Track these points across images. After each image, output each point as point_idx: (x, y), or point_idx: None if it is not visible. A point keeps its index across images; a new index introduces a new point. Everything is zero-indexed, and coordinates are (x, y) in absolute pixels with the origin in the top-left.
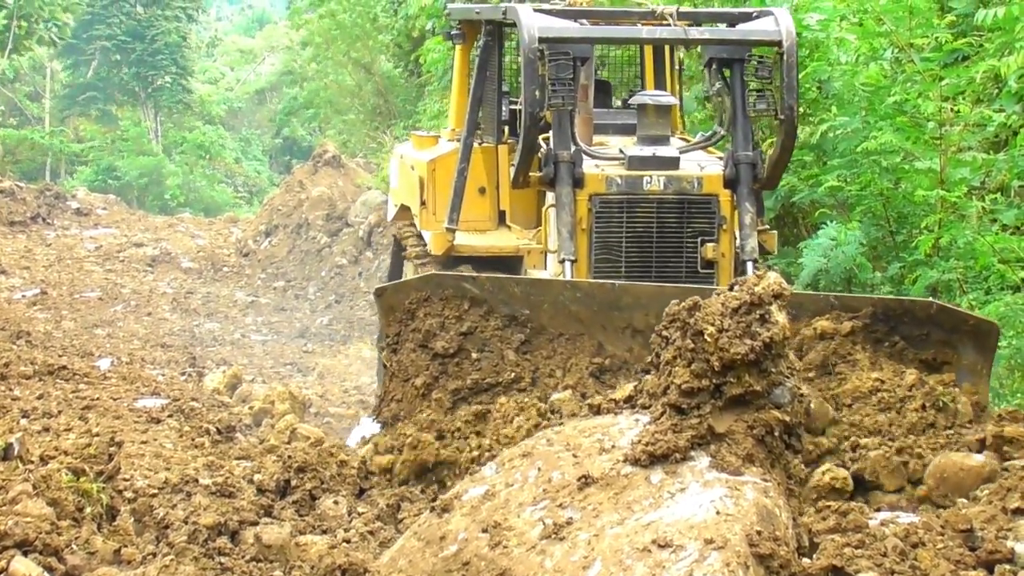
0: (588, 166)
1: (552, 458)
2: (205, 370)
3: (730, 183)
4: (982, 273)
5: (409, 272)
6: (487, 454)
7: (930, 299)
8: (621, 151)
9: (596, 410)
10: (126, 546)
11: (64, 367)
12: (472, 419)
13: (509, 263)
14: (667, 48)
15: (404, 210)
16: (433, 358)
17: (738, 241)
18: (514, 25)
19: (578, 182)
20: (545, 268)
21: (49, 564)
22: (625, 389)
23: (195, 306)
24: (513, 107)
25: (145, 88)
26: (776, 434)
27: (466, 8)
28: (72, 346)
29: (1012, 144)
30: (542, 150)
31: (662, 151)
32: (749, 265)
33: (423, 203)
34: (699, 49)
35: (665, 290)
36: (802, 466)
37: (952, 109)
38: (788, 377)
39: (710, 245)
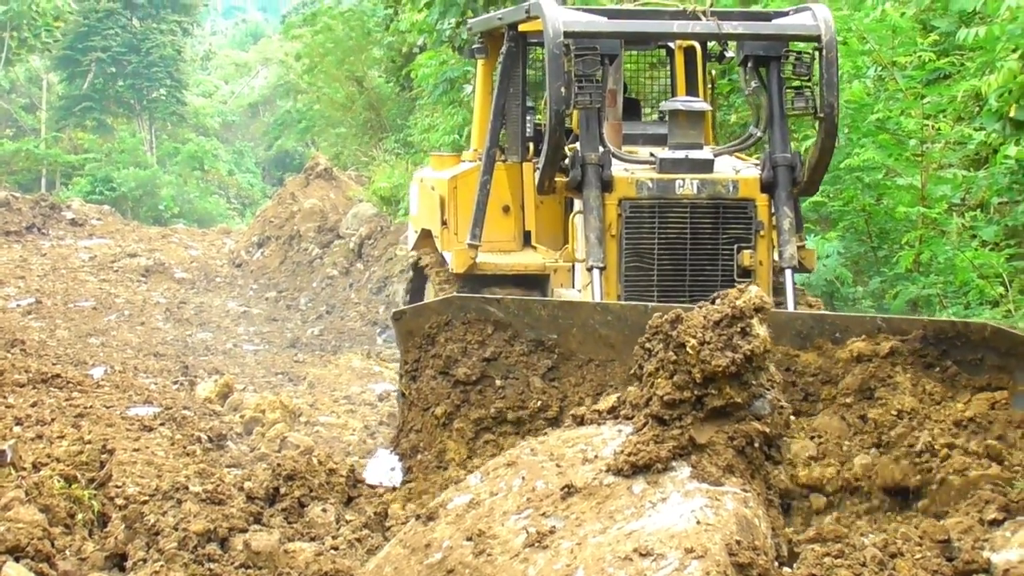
0: (617, 169)
1: (536, 467)
2: (197, 379)
3: (767, 187)
4: (962, 288)
5: (431, 297)
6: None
7: (984, 321)
8: (652, 154)
9: (580, 420)
10: (117, 552)
11: (58, 375)
12: None
13: (535, 282)
14: (699, 58)
15: (425, 237)
16: (454, 386)
17: (776, 248)
18: (539, 44)
19: (607, 186)
20: (573, 285)
21: (41, 570)
22: (608, 400)
23: (188, 316)
24: (539, 126)
25: (140, 100)
26: (756, 445)
27: (487, 18)
28: (66, 355)
29: (992, 162)
30: (567, 159)
31: (695, 153)
32: (788, 273)
33: (444, 223)
34: (735, 56)
35: None
36: (782, 476)
37: (933, 127)
38: (769, 389)
39: (747, 252)
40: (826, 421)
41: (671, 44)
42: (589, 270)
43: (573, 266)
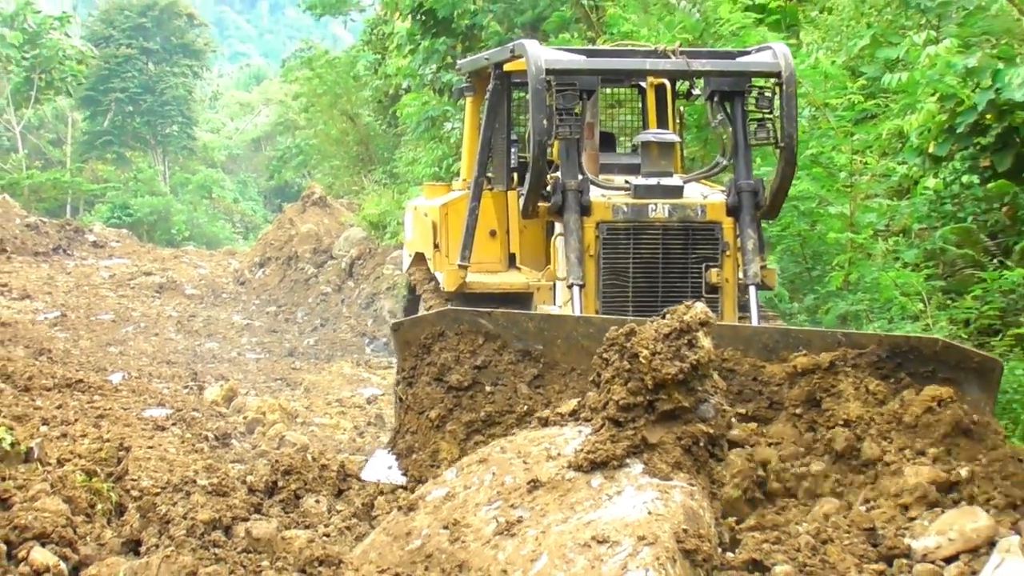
0: (595, 194)
1: (505, 464)
2: (205, 384)
3: (733, 211)
4: (886, 305)
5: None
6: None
7: (935, 336)
8: (627, 181)
9: (544, 422)
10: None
11: (81, 380)
12: None
13: (520, 300)
14: (669, 94)
15: (418, 260)
16: (448, 391)
17: (741, 267)
18: (523, 84)
19: (585, 210)
20: (554, 302)
21: (64, 554)
22: (570, 404)
23: (197, 328)
24: (523, 158)
25: (155, 135)
26: (701, 444)
27: (474, 59)
28: (88, 362)
29: (913, 192)
30: (549, 186)
31: (666, 180)
32: (752, 290)
33: (436, 246)
34: (701, 93)
35: None
36: (724, 472)
37: (861, 161)
38: (713, 394)
39: (714, 271)
40: (780, 428)
41: (643, 83)
42: (569, 287)
43: (554, 284)
